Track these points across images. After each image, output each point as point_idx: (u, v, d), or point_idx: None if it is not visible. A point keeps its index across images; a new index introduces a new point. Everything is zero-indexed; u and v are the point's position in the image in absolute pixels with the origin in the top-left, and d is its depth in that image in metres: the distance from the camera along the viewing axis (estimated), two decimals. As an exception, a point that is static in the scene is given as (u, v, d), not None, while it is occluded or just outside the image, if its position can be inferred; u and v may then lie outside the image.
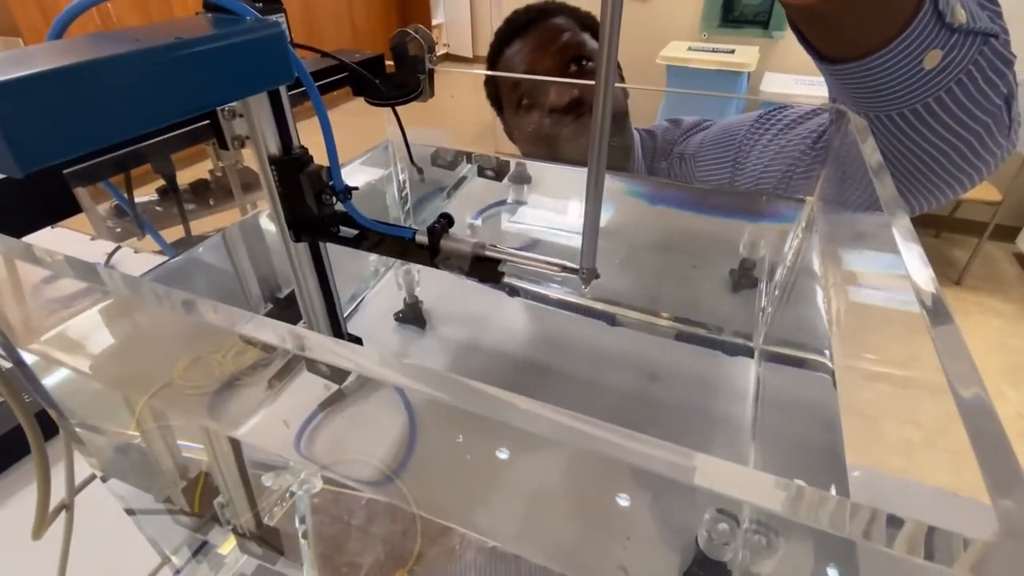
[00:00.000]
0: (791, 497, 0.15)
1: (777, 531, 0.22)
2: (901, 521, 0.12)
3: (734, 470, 0.15)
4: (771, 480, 0.15)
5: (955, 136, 0.40)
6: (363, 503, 0.33)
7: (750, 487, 0.15)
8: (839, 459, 0.24)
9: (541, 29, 0.69)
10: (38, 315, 0.26)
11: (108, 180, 0.34)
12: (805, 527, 0.21)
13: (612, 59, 0.19)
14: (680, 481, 0.15)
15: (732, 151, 0.61)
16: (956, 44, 0.36)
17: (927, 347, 0.18)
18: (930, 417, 0.19)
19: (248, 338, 0.21)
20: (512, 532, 0.24)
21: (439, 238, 0.30)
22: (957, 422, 0.16)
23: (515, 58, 0.69)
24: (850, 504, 0.13)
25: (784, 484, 0.15)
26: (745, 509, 0.22)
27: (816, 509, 0.14)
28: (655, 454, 0.15)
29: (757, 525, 0.23)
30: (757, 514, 0.22)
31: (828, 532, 0.18)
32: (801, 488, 0.14)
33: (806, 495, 0.14)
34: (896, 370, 0.24)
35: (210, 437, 0.28)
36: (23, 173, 0.18)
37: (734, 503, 0.22)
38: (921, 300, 0.19)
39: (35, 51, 0.19)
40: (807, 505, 0.14)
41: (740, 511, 0.23)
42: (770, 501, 0.15)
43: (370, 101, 0.39)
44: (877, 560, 0.13)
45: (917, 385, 0.20)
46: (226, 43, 0.23)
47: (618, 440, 0.15)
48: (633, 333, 0.55)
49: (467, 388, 0.16)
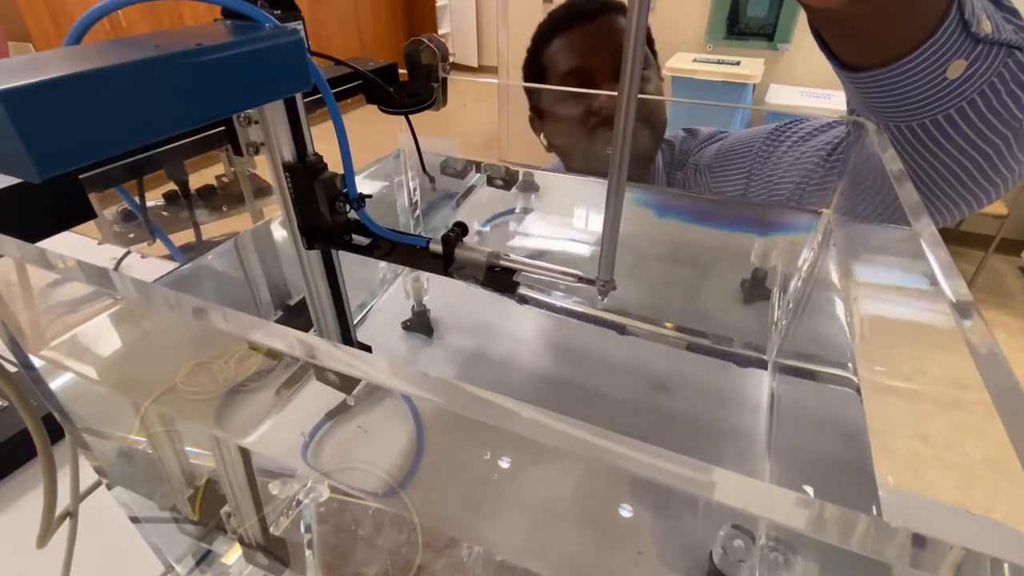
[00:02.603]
0: (815, 516, 0.14)
1: (795, 548, 0.22)
2: (947, 546, 0.11)
3: (756, 487, 0.15)
4: (795, 497, 0.14)
5: (974, 149, 0.39)
6: (370, 513, 0.32)
7: (773, 504, 0.15)
8: (864, 475, 0.23)
9: (604, 23, 0.66)
10: (46, 320, 0.26)
11: (121, 186, 0.34)
12: (825, 545, 0.20)
13: (636, 68, 0.19)
14: (700, 496, 0.15)
15: (747, 162, 0.61)
16: (981, 55, 0.36)
17: (945, 351, 0.17)
18: (944, 430, 0.19)
19: (258, 345, 0.20)
20: (520, 545, 0.24)
21: (453, 247, 0.30)
22: (967, 435, 0.15)
23: (569, 45, 0.66)
24: (889, 526, 0.12)
25: (808, 501, 0.14)
26: (761, 525, 0.22)
27: (848, 530, 0.13)
28: (673, 469, 0.15)
29: (774, 542, 0.23)
30: (775, 531, 0.22)
31: (857, 553, 0.18)
32: (826, 506, 0.14)
33: (831, 514, 0.14)
34: (919, 379, 0.23)
35: (218, 444, 0.28)
36: (41, 178, 0.18)
37: (750, 519, 0.22)
38: (952, 305, 0.18)
39: (53, 56, 0.19)
40: (835, 525, 0.14)
41: (756, 527, 0.22)
42: (794, 519, 0.14)
43: (383, 109, 0.39)
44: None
45: (942, 399, 0.20)
46: (246, 50, 0.23)
47: (634, 453, 0.15)
48: (643, 343, 0.55)
49: (477, 398, 0.16)
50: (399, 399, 0.19)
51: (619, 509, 0.20)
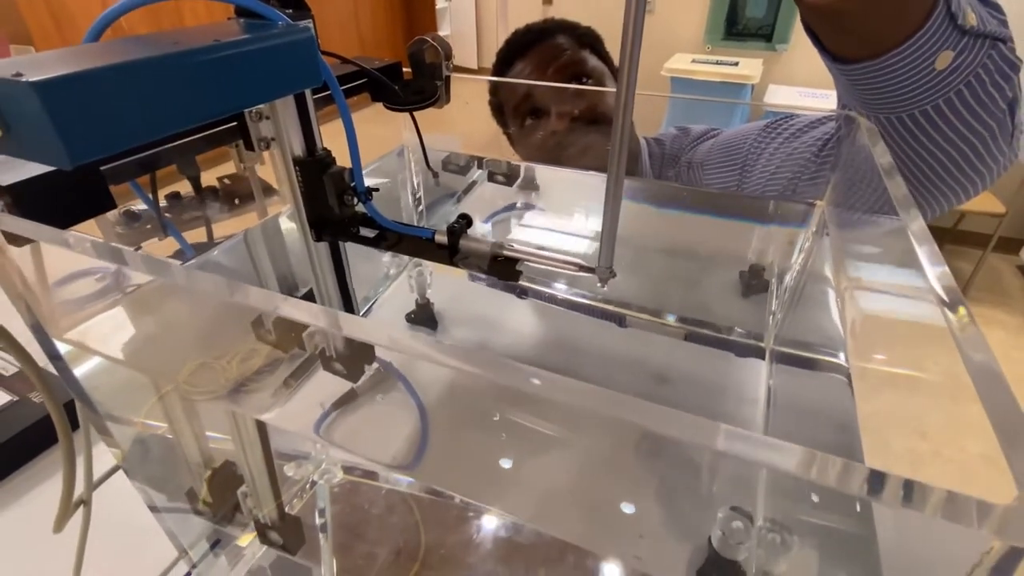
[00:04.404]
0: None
1: (791, 529, 0.23)
2: (929, 488, 0.12)
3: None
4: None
5: (961, 139, 0.41)
6: (382, 493, 0.33)
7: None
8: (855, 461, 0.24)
9: (541, 49, 0.70)
10: (69, 307, 0.27)
11: (134, 180, 0.35)
12: (819, 525, 0.21)
13: (634, 61, 0.20)
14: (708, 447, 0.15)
15: (740, 158, 0.62)
16: (967, 46, 0.37)
17: (942, 348, 0.18)
18: (942, 425, 0.19)
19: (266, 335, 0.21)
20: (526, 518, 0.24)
21: (458, 238, 0.31)
22: (965, 430, 0.16)
23: (517, 79, 0.70)
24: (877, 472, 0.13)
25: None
26: (760, 507, 0.23)
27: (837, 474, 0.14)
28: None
29: (772, 523, 0.23)
30: (772, 512, 0.23)
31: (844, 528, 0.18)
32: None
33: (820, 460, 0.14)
34: (911, 371, 0.24)
35: (237, 423, 0.29)
36: (72, 165, 0.19)
37: (749, 501, 0.22)
38: (937, 294, 0.19)
39: (79, 51, 0.20)
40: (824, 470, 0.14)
41: (755, 509, 0.23)
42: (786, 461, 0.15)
43: (388, 106, 0.41)
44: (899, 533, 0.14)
45: (939, 394, 0.21)
46: (261, 46, 0.24)
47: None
48: (642, 334, 0.56)
49: (503, 365, 0.16)
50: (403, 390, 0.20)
51: (620, 495, 0.21)
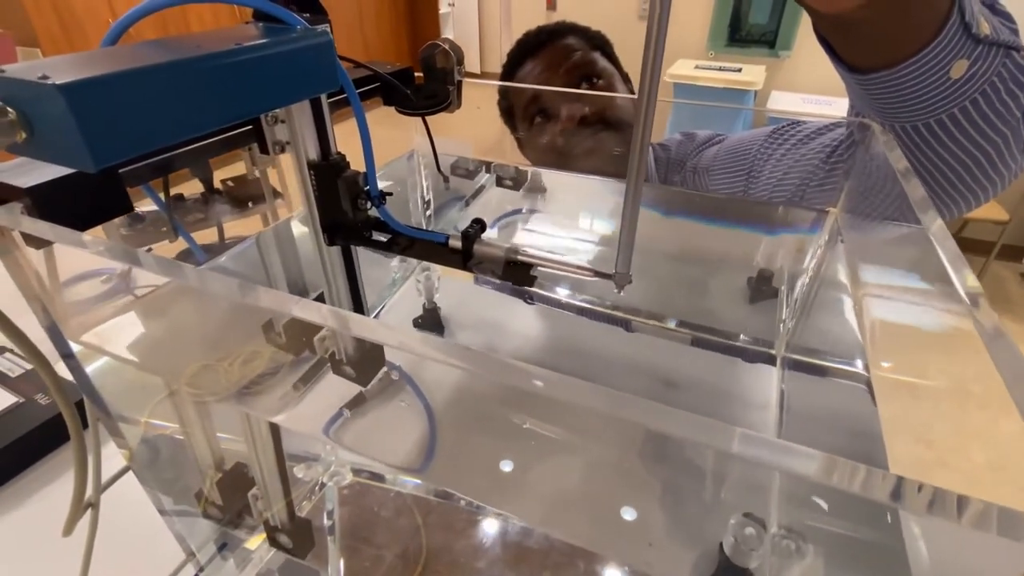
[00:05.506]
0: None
1: (806, 536, 0.23)
2: (966, 499, 0.12)
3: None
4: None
5: (976, 147, 0.41)
6: (391, 496, 0.33)
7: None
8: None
9: (552, 50, 0.70)
10: (83, 308, 0.27)
11: (148, 183, 0.35)
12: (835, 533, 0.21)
13: (657, 66, 0.20)
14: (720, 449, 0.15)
15: (746, 164, 0.62)
16: (981, 55, 0.37)
17: (966, 354, 0.18)
18: (973, 432, 0.19)
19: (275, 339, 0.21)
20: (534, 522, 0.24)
21: (472, 243, 0.31)
22: (971, 440, 0.16)
23: (527, 79, 0.71)
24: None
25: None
26: (773, 514, 0.23)
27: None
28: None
29: (785, 531, 0.23)
30: (787, 519, 0.23)
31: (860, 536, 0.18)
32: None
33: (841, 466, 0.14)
34: (928, 381, 0.24)
35: (250, 425, 0.29)
36: (97, 168, 0.19)
37: (762, 508, 0.22)
38: (963, 295, 0.19)
39: (101, 55, 0.20)
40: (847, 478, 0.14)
41: (768, 516, 0.23)
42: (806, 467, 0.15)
43: (400, 111, 0.41)
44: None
45: (948, 402, 0.20)
46: (280, 50, 0.24)
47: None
48: (649, 339, 0.56)
49: (510, 366, 0.17)
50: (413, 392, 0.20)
51: (628, 499, 0.21)
